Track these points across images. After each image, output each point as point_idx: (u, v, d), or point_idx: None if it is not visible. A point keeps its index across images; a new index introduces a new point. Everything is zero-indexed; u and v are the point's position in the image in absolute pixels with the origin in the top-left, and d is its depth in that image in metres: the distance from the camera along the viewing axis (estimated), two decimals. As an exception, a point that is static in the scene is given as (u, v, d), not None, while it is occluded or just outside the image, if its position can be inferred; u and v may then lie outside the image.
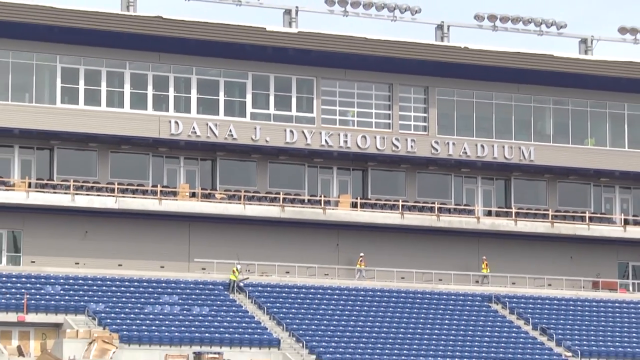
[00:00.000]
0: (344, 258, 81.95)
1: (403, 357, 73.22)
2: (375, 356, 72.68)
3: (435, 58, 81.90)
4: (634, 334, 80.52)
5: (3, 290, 72.21)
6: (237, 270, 77.67)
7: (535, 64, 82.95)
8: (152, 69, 78.53)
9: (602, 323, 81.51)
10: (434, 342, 75.95)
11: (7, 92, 76.00)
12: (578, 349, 77.14)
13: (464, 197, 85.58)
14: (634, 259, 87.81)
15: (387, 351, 73.66)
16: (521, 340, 78.26)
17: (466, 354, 74.91)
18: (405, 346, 74.64)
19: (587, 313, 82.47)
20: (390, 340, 75.18)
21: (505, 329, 79.51)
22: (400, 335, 76.23)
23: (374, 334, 75.78)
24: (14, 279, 73.98)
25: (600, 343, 78.68)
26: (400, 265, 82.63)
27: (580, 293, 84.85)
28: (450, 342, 76.21)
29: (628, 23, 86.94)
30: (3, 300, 71.25)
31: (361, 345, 74.04)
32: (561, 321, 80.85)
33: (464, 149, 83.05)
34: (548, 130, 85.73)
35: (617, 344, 78.96)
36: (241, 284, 77.39)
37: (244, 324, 74.26)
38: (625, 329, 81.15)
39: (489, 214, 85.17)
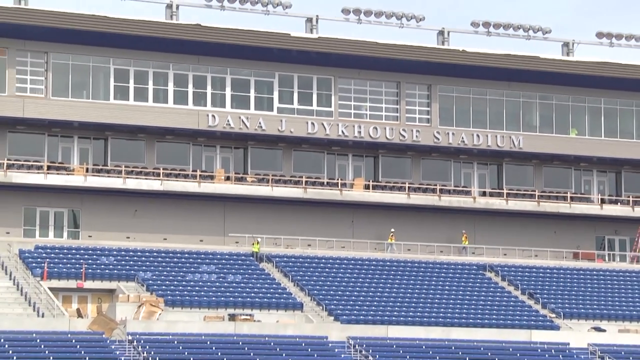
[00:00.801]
0: (358, 233, 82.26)
1: (409, 317, 73.57)
2: (385, 316, 73.04)
3: (437, 59, 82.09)
4: (609, 298, 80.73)
5: (64, 261, 73.07)
6: (257, 242, 78.48)
7: (524, 64, 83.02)
8: (192, 69, 78.95)
9: (582, 289, 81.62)
10: (436, 304, 76.44)
11: (67, 90, 76.64)
12: (560, 310, 77.47)
13: (462, 180, 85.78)
14: (610, 233, 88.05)
15: (395, 312, 74.16)
16: (511, 303, 78.69)
17: (464, 314, 75.27)
18: (412, 307, 75.18)
19: (568, 280, 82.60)
20: (398, 303, 75.70)
21: (498, 293, 79.86)
22: (407, 298, 76.74)
23: (384, 298, 76.21)
24: (73, 251, 74.81)
25: (580, 306, 78.84)
26: (406, 239, 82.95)
27: (563, 263, 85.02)
28: (450, 305, 76.53)
29: (604, 29, 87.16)
30: (64, 270, 72.06)
31: (372, 307, 74.51)
32: (546, 287, 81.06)
33: (462, 138, 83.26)
34: (535, 121, 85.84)
35: (594, 306, 79.11)
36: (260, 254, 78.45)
37: (271, 290, 74.82)
38: (602, 294, 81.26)
39: (484, 194, 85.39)
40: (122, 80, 77.81)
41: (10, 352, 62.20)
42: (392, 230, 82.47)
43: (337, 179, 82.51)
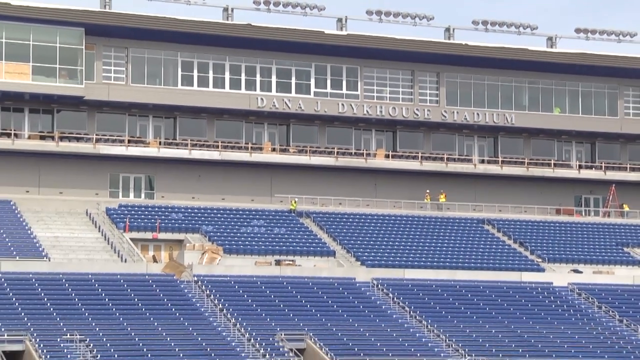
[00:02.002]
0: (379, 194, 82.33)
1: (422, 261, 73.91)
2: (402, 261, 73.39)
3: (444, 52, 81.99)
4: (585, 246, 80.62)
5: (142, 216, 73.63)
6: (295, 202, 78.79)
7: (515, 55, 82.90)
8: (244, 61, 79.10)
9: (563, 238, 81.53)
10: (444, 251, 76.61)
11: (143, 78, 77.08)
12: (545, 256, 77.66)
13: (464, 150, 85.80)
14: (586, 193, 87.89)
15: (410, 258, 74.36)
16: (505, 250, 78.86)
17: (466, 259, 75.58)
18: (424, 254, 75.45)
19: (551, 231, 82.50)
20: (412, 250, 75.97)
21: (494, 242, 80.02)
22: (420, 246, 76.89)
23: (401, 246, 76.46)
24: (149, 209, 75.41)
25: (561, 252, 78.90)
26: (419, 198, 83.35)
27: (547, 217, 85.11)
28: (455, 252, 76.69)
29: (582, 25, 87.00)
30: (142, 224, 72.67)
31: (392, 254, 74.86)
32: (533, 237, 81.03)
33: (465, 116, 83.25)
34: (524, 102, 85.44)
35: (573, 252, 79.10)
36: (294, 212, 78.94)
37: (309, 240, 75.18)
38: (579, 243, 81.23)
39: (482, 162, 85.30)
40: (187, 70, 78.24)
41: (100, 290, 63.05)
42: (427, 190, 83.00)
43: (363, 150, 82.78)
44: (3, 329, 56.51)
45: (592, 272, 76.66)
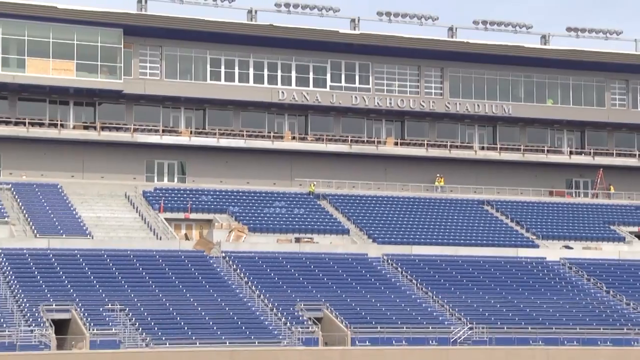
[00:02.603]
0: (389, 178, 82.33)
1: (428, 239, 74.08)
2: (410, 239, 73.51)
3: (447, 49, 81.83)
4: (575, 224, 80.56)
5: (175, 198, 74.05)
6: (313, 185, 78.90)
7: (512, 51, 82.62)
8: (266, 58, 79.09)
9: (555, 217, 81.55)
10: (447, 229, 76.85)
11: (176, 74, 77.24)
12: (539, 233, 77.82)
13: (466, 138, 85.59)
14: (576, 176, 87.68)
15: (417, 235, 74.52)
16: (503, 228, 79.00)
17: (468, 237, 75.85)
18: (430, 232, 75.65)
19: (545, 211, 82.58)
20: (419, 228, 76.16)
21: (493, 221, 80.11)
22: (426, 225, 77.05)
23: (409, 225, 76.59)
24: (181, 192, 75.70)
25: (554, 230, 79.02)
26: (425, 181, 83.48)
27: (541, 198, 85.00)
28: (458, 230, 76.94)
29: (572, 24, 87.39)
30: (175, 205, 73.08)
31: (401, 232, 74.97)
32: (529, 216, 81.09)
33: (466, 107, 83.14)
34: (520, 94, 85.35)
35: (564, 230, 79.22)
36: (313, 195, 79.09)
37: (326, 220, 75.40)
38: (570, 221, 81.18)
39: (482, 148, 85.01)
40: (215, 66, 78.33)
41: (137, 264, 63.62)
42: (438, 175, 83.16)
43: (374, 138, 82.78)
44: (52, 299, 57.14)
45: (581, 248, 76.80)
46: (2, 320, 54.42)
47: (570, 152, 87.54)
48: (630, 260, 75.46)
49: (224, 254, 66.57)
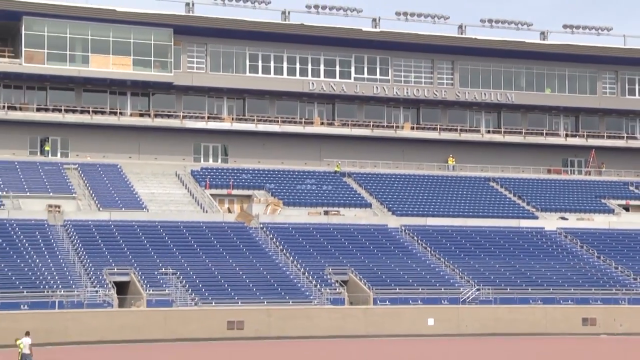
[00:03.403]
0: (406, 157, 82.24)
1: (441, 211, 74.27)
2: (425, 211, 73.68)
3: (457, 44, 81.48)
4: (570, 198, 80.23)
5: (219, 177, 74.24)
6: (339, 165, 78.92)
7: (515, 46, 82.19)
8: (298, 53, 78.85)
9: (553, 192, 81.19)
10: (458, 202, 76.73)
11: (219, 68, 77.19)
12: (539, 206, 77.76)
13: (474, 123, 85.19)
14: (571, 156, 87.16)
15: (431, 208, 74.67)
16: (507, 202, 78.84)
17: (476, 210, 75.68)
18: (442, 205, 75.74)
19: (543, 187, 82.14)
20: (433, 202, 76.17)
21: (498, 196, 79.92)
22: (438, 199, 77.06)
23: (424, 199, 76.67)
24: (224, 171, 75.88)
25: (551, 203, 78.79)
26: (438, 161, 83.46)
27: (540, 175, 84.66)
28: (467, 203, 76.85)
29: (568, 22, 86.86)
30: (219, 183, 73.37)
31: (417, 205, 75.09)
32: (529, 191, 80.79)
33: (474, 95, 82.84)
34: (522, 83, 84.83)
35: (561, 203, 79.01)
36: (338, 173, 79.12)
37: (351, 195, 75.50)
38: (566, 195, 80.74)
39: (488, 132, 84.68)
40: (253, 61, 78.30)
41: (187, 234, 64.07)
42: (451, 155, 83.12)
43: (393, 123, 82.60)
44: (113, 264, 57.79)
45: (575, 219, 76.69)
46: (71, 282, 55.14)
47: (566, 135, 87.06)
48: (619, 229, 75.43)
49: (261, 225, 66.99)
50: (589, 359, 44.30)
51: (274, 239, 65.23)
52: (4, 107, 72.52)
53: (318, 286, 59.17)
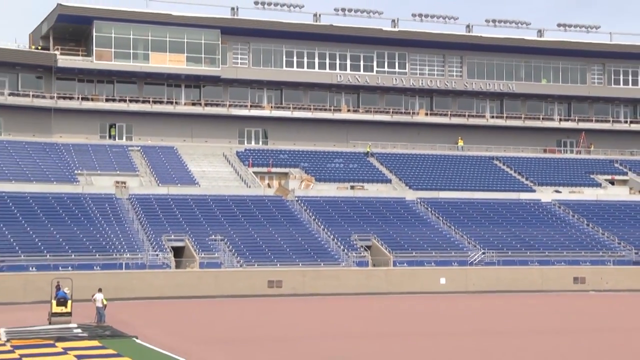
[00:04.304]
0: (422, 139, 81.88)
1: (451, 186, 73.82)
2: (438, 186, 73.41)
3: (465, 42, 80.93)
4: (563, 174, 80.00)
5: (260, 157, 74.44)
6: (370, 146, 78.90)
7: (515, 42, 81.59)
8: (328, 50, 78.46)
9: (548, 169, 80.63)
10: (466, 179, 76.33)
11: (260, 63, 77.05)
12: (536, 181, 77.32)
13: (480, 109, 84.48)
14: (564, 137, 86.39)
15: (443, 183, 74.34)
16: (508, 177, 78.39)
17: (482, 184, 75.26)
18: (452, 180, 75.34)
19: (540, 164, 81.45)
20: (444, 178, 75.77)
21: (501, 173, 79.42)
22: (449, 175, 76.60)
23: (437, 175, 76.29)
24: (265, 152, 75.90)
25: (547, 178, 78.32)
26: (449, 143, 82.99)
27: (537, 155, 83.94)
28: (474, 179, 76.44)
29: (562, 21, 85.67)
30: (260, 162, 73.59)
31: (430, 180, 74.84)
32: (528, 168, 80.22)
33: (480, 85, 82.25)
34: (522, 75, 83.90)
35: (555, 178, 78.65)
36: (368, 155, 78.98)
37: (373, 172, 75.44)
38: (560, 172, 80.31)
39: (492, 117, 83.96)
40: (289, 57, 78.08)
41: (232, 206, 64.43)
42: (460, 137, 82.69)
43: (409, 110, 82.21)
44: (171, 232, 58.24)
45: (568, 192, 76.42)
46: (135, 247, 55.66)
47: (560, 119, 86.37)
48: (605, 200, 75.02)
49: (296, 198, 67.23)
50: (579, 312, 44.22)
51: (307, 210, 65.43)
52: (78, 98, 73.11)
53: (345, 250, 59.35)
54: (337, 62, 79.32)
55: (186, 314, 42.59)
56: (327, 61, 79.12)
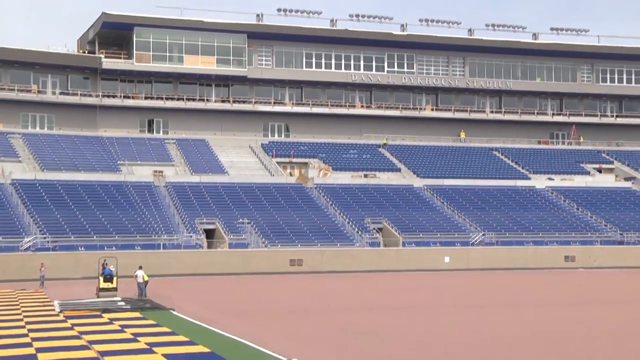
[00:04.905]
0: (429, 131, 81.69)
1: (455, 174, 73.64)
2: (442, 174, 73.31)
3: (467, 44, 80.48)
4: (556, 163, 79.74)
5: (282, 149, 74.41)
6: (386, 139, 78.67)
7: (512, 45, 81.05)
8: (343, 52, 78.26)
9: (542, 158, 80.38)
10: (467, 167, 76.17)
11: (282, 64, 76.97)
12: (531, 169, 77.05)
13: (480, 105, 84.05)
14: (557, 130, 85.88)
15: (447, 171, 74.25)
16: (506, 167, 78.02)
17: (482, 172, 75.09)
18: (455, 169, 75.19)
19: (535, 154, 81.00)
20: (449, 167, 75.66)
21: (499, 162, 79.07)
22: (453, 164, 76.51)
23: (442, 164, 76.21)
24: (287, 144, 75.83)
25: (541, 167, 77.99)
26: (452, 135, 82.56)
27: (532, 145, 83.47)
28: (475, 168, 76.32)
29: (554, 25, 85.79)
30: (283, 152, 73.60)
31: (436, 169, 74.84)
32: (524, 158, 79.92)
33: (480, 83, 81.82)
34: (518, 74, 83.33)
35: (549, 167, 78.26)
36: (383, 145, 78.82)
37: (384, 162, 75.37)
38: (552, 161, 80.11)
39: (492, 112, 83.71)
40: (309, 58, 77.97)
41: (258, 192, 64.55)
42: (462, 130, 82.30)
43: (417, 106, 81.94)
44: (203, 216, 58.49)
45: (560, 179, 76.05)
46: (171, 229, 55.93)
47: (552, 114, 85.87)
48: (593, 187, 74.72)
49: (315, 185, 67.28)
50: (569, 286, 44.16)
51: (325, 196, 65.49)
52: (120, 96, 73.43)
53: (359, 232, 59.40)
54: (352, 62, 79.12)
55: (216, 289, 42.82)
56: (343, 62, 78.95)
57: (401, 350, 19.67)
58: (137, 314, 28.87)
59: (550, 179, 76.06)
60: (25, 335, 22.86)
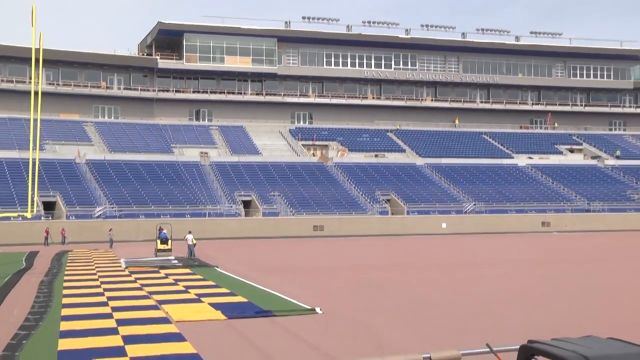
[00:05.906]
0: (431, 119, 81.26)
1: (452, 154, 73.05)
2: (441, 154, 72.86)
3: (461, 45, 79.84)
4: (534, 144, 78.89)
5: (306, 133, 74.19)
6: (399, 125, 78.28)
7: (499, 46, 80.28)
8: (357, 52, 77.88)
9: (523, 141, 79.51)
10: (463, 148, 75.47)
11: (306, 63, 76.86)
12: (514, 149, 76.42)
13: (472, 96, 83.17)
14: (536, 117, 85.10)
15: (446, 152, 73.78)
16: (493, 147, 77.30)
17: (473, 152, 74.50)
18: (453, 150, 74.52)
19: (517, 138, 79.96)
20: (446, 148, 75.11)
21: (488, 144, 78.33)
22: (449, 145, 75.95)
23: (442, 145, 75.77)
24: (310, 130, 75.48)
25: (522, 147, 77.26)
26: (449, 121, 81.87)
27: (515, 130, 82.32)
28: (469, 149, 75.61)
29: (533, 29, 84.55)
30: (307, 136, 73.26)
31: (436, 149, 74.35)
32: (508, 140, 79.11)
33: (472, 78, 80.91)
34: (504, 70, 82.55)
35: (528, 147, 77.62)
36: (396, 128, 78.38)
37: (392, 144, 74.91)
38: (531, 143, 79.24)
39: (482, 102, 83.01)
40: (328, 58, 77.57)
41: (286, 169, 64.55)
42: (457, 118, 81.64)
43: (419, 97, 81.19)
44: (241, 189, 58.73)
45: (538, 158, 75.57)
46: (215, 200, 56.16)
47: (532, 103, 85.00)
48: (565, 164, 74.10)
49: (334, 164, 67.11)
50: (545, 246, 43.91)
51: (342, 173, 65.37)
52: (173, 90, 73.65)
53: (371, 203, 59.32)
54: (364, 61, 78.58)
55: (252, 250, 43.02)
56: (357, 61, 78.43)
57: (402, 300, 19.73)
58: (187, 270, 29.09)
59: (530, 157, 75.37)
60: (98, 287, 23.26)
